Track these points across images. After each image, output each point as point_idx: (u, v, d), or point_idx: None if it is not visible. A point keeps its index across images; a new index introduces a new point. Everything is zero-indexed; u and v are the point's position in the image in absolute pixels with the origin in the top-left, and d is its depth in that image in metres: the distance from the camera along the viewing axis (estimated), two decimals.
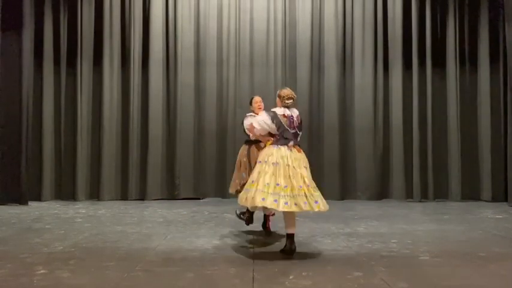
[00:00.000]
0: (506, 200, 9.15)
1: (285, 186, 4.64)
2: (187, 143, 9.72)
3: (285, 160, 4.75)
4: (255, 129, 5.07)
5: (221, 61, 9.86)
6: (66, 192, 9.43)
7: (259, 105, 5.92)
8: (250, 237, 5.75)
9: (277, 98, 5.09)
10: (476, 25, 9.89)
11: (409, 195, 9.68)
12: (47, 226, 6.49)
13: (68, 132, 9.53)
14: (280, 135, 4.90)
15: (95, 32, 9.67)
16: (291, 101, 4.99)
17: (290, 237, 4.83)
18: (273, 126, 4.90)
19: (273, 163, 4.75)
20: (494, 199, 9.44)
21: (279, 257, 4.72)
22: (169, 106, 9.81)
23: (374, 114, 9.88)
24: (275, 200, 4.59)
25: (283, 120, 4.91)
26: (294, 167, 4.74)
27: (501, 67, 9.70)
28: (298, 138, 5.02)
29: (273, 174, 4.70)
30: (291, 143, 4.89)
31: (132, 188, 9.56)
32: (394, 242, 5.39)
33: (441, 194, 9.72)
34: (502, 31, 9.54)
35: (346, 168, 9.82)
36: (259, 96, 6.20)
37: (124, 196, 9.53)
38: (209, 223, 6.78)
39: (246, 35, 9.93)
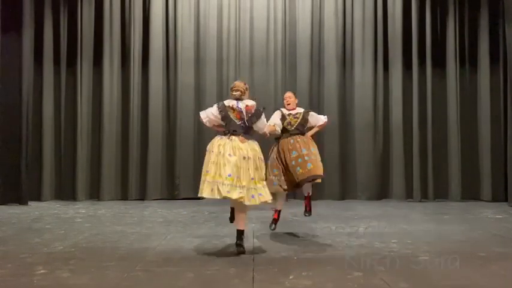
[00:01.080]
0: (506, 200, 9.15)
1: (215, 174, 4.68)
2: (187, 142, 9.72)
3: (220, 149, 4.77)
4: (203, 120, 5.12)
5: (221, 60, 9.86)
6: (66, 192, 9.43)
7: (287, 101, 5.87)
8: (250, 237, 5.73)
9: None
10: (476, 25, 9.89)
11: (409, 195, 9.68)
12: (47, 226, 6.49)
13: (68, 132, 9.53)
14: (226, 126, 4.94)
15: (95, 32, 9.67)
16: (238, 93, 5.04)
17: (237, 233, 4.85)
18: (219, 116, 4.96)
19: (210, 151, 4.83)
20: (494, 199, 9.44)
21: (279, 257, 4.72)
22: (170, 105, 9.81)
23: (374, 114, 9.88)
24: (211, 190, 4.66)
25: (230, 112, 4.95)
26: (223, 155, 4.73)
27: (501, 67, 9.69)
28: (251, 130, 5.01)
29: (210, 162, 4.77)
30: (230, 135, 4.87)
31: (132, 188, 9.56)
32: (394, 242, 5.38)
33: (441, 194, 9.72)
34: (502, 31, 9.54)
35: (346, 168, 9.82)
36: (290, 92, 6.09)
37: (124, 196, 9.53)
38: (209, 223, 6.78)
39: (246, 34, 9.93)
